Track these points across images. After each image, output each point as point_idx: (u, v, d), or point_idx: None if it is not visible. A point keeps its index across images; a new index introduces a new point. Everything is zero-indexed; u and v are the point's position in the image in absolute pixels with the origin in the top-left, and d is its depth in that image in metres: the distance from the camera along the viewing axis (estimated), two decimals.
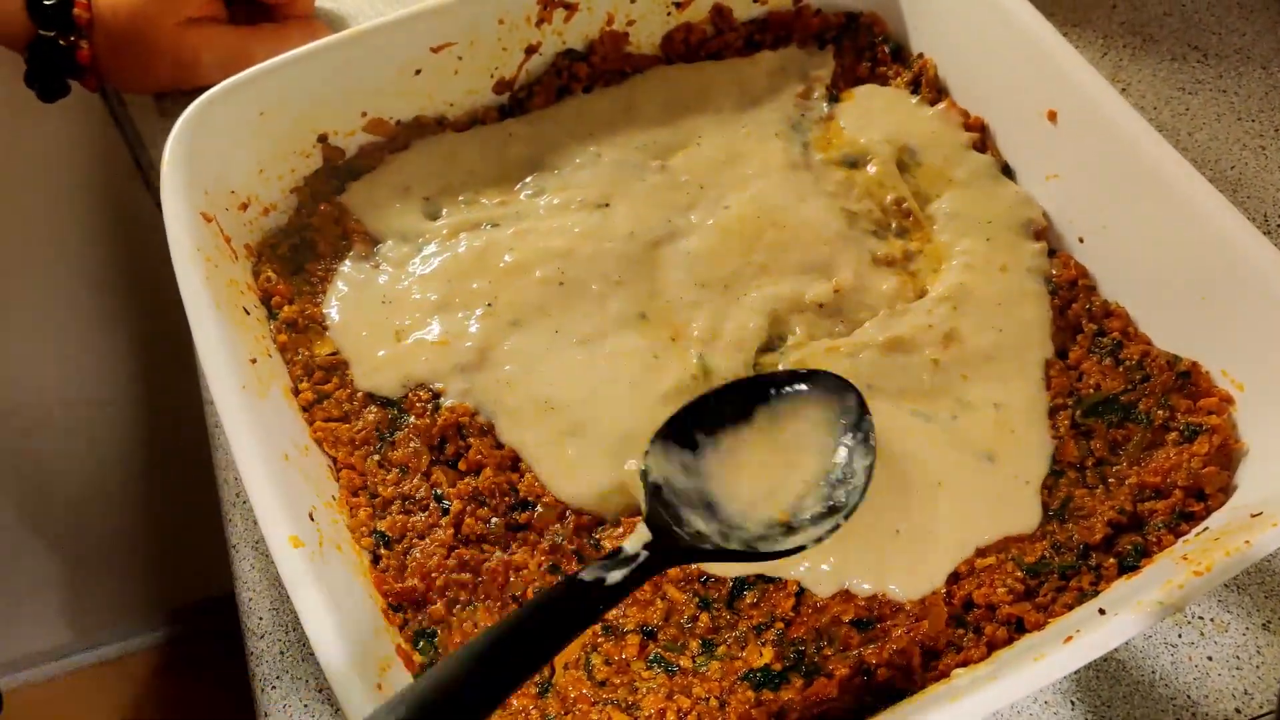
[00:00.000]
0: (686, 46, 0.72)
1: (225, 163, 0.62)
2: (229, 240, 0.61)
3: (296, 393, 0.58)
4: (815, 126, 0.69)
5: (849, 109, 0.70)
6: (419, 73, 0.67)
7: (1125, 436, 0.56)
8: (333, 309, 0.62)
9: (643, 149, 0.68)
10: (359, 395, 0.59)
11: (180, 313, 0.55)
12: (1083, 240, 0.62)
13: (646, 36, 0.72)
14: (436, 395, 0.59)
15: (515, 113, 0.70)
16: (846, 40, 0.73)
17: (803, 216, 0.64)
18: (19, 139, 0.90)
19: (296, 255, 0.64)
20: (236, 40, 0.75)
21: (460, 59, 0.67)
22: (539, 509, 0.55)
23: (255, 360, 0.55)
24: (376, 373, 0.59)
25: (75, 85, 0.76)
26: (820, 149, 0.68)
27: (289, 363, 0.60)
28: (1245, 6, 0.82)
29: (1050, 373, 0.59)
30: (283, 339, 0.60)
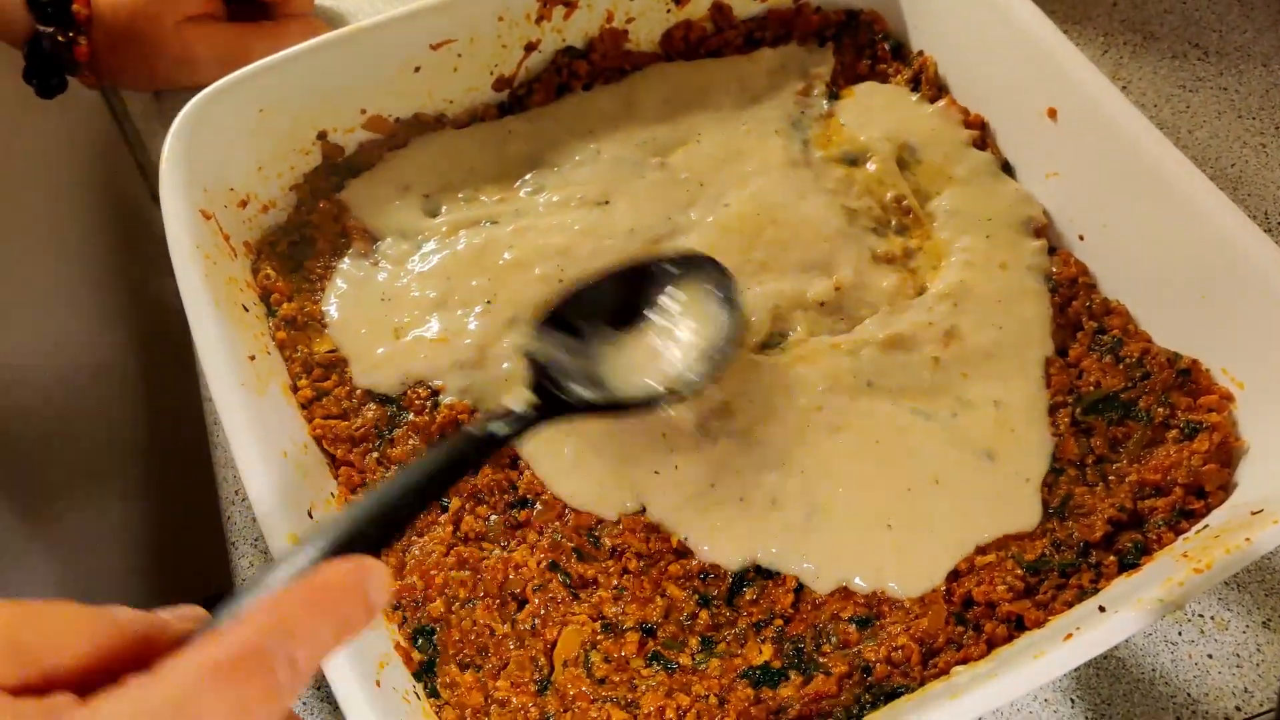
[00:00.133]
0: (686, 44, 0.72)
1: (224, 160, 0.62)
2: (228, 237, 0.61)
3: (295, 390, 0.58)
4: (815, 124, 0.69)
5: (849, 106, 0.69)
6: (418, 70, 0.67)
7: (1125, 434, 0.56)
8: (332, 306, 0.62)
9: (642, 146, 0.68)
10: (358, 393, 0.59)
11: (179, 310, 0.54)
12: (1083, 238, 0.62)
13: (646, 34, 0.72)
14: (435, 392, 0.59)
15: (515, 110, 0.70)
16: (846, 38, 0.73)
17: (803, 214, 0.64)
18: (18, 136, 0.89)
19: (296, 252, 0.64)
20: (235, 38, 0.75)
21: (460, 56, 0.67)
22: (538, 507, 0.55)
23: (254, 357, 0.55)
24: (375, 370, 0.59)
25: (74, 82, 0.76)
26: (820, 146, 0.68)
27: (288, 360, 0.59)
28: (1246, 4, 0.82)
29: (1050, 370, 0.59)
30: (281, 336, 0.60)
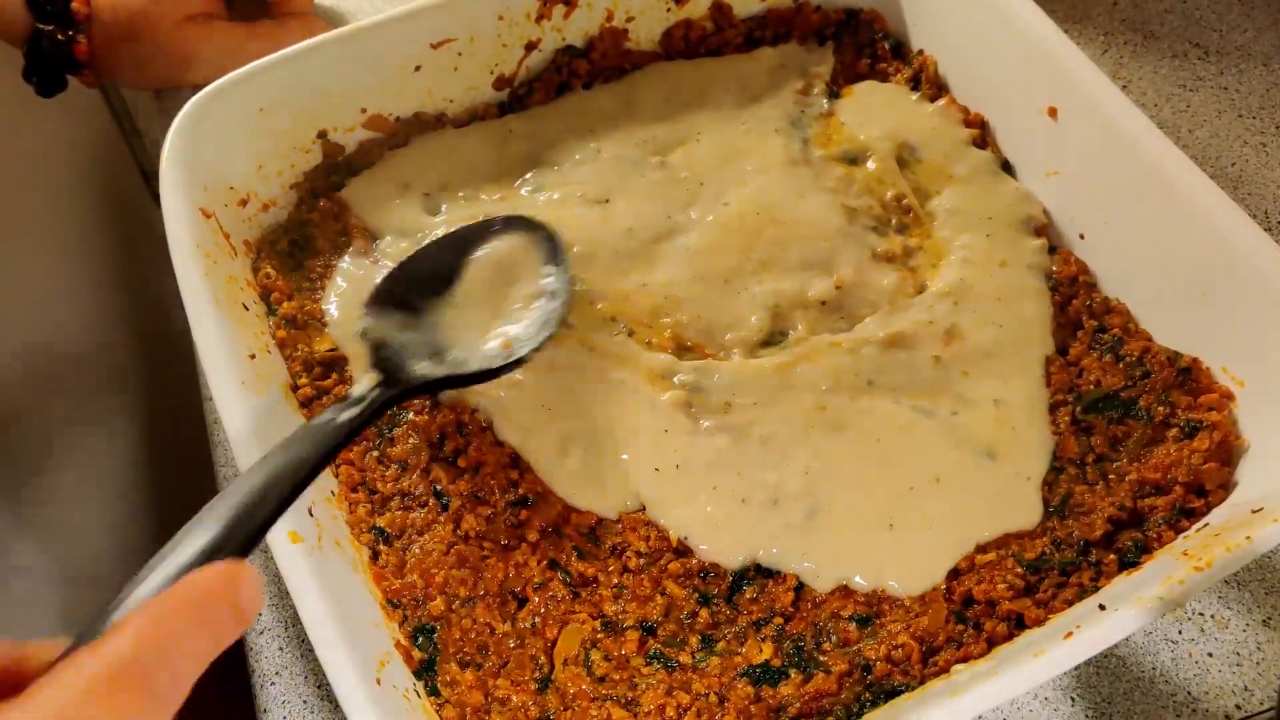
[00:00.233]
0: (686, 43, 0.72)
1: (224, 159, 0.62)
2: (228, 236, 0.61)
3: (296, 389, 0.58)
4: (815, 123, 0.69)
5: (849, 105, 0.69)
6: (418, 69, 0.67)
7: (1126, 433, 0.56)
8: (332, 305, 0.62)
9: (642, 145, 0.68)
10: None
11: (179, 309, 0.54)
12: (1083, 237, 0.62)
13: (646, 33, 0.72)
14: None
15: (515, 109, 0.70)
16: (846, 37, 0.73)
17: (803, 213, 0.64)
18: (17, 135, 0.89)
19: (296, 251, 0.64)
20: (235, 37, 0.74)
21: (460, 55, 0.67)
22: (539, 506, 0.55)
23: (254, 356, 0.55)
24: None
25: (74, 81, 0.76)
26: (820, 145, 0.68)
27: (288, 359, 0.59)
28: (1246, 3, 0.81)
29: (1051, 369, 0.59)
30: (282, 335, 0.60)
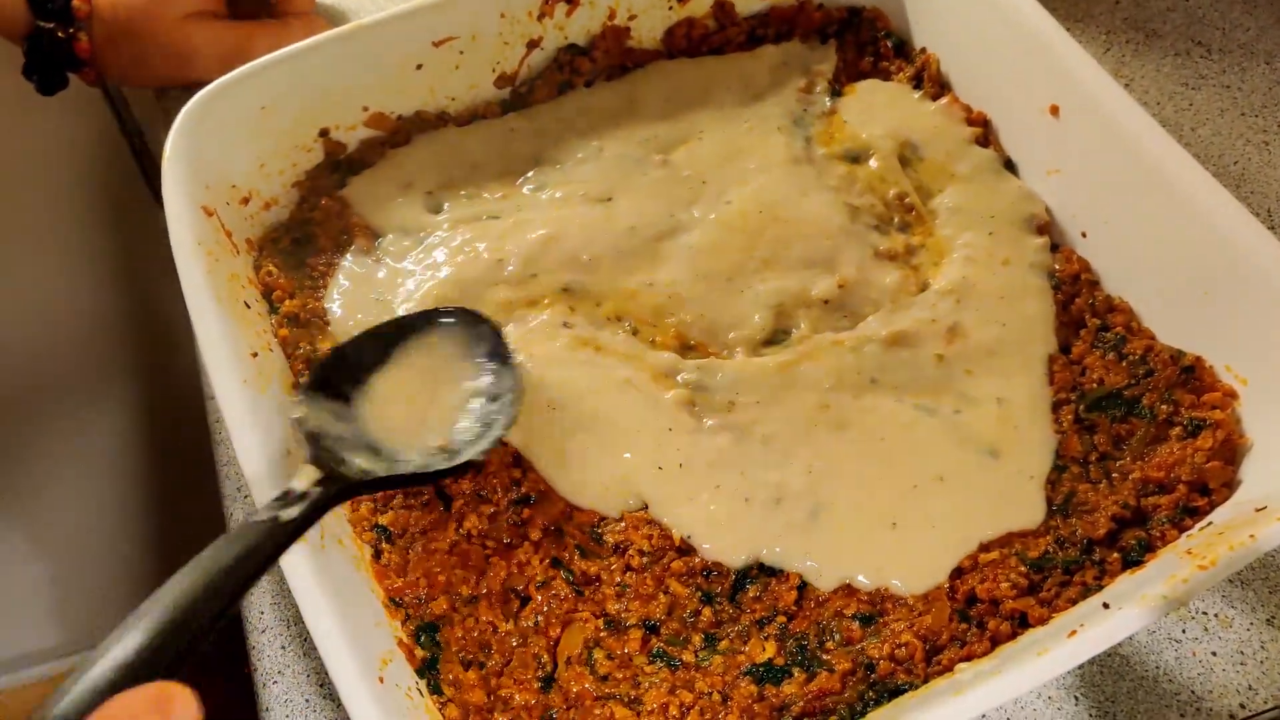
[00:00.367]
0: (688, 41, 0.72)
1: (226, 157, 0.62)
2: (230, 234, 0.61)
3: (298, 387, 0.58)
4: (817, 121, 0.69)
5: (851, 104, 0.69)
6: (420, 67, 0.67)
7: (1129, 431, 0.56)
8: (334, 303, 0.62)
9: (644, 143, 0.68)
10: None
11: (181, 307, 0.54)
12: (1085, 235, 0.62)
13: (648, 31, 0.72)
14: None
15: (517, 107, 0.70)
16: (849, 35, 0.73)
17: (805, 211, 0.64)
18: (18, 132, 0.89)
19: (298, 250, 0.64)
20: (236, 35, 0.74)
21: (461, 54, 0.67)
22: (541, 505, 0.55)
23: (256, 354, 0.55)
24: None
25: (74, 79, 0.76)
26: (822, 144, 0.68)
27: (290, 357, 0.59)
28: (1249, 2, 0.81)
29: (1053, 367, 0.59)
30: (284, 333, 0.60)
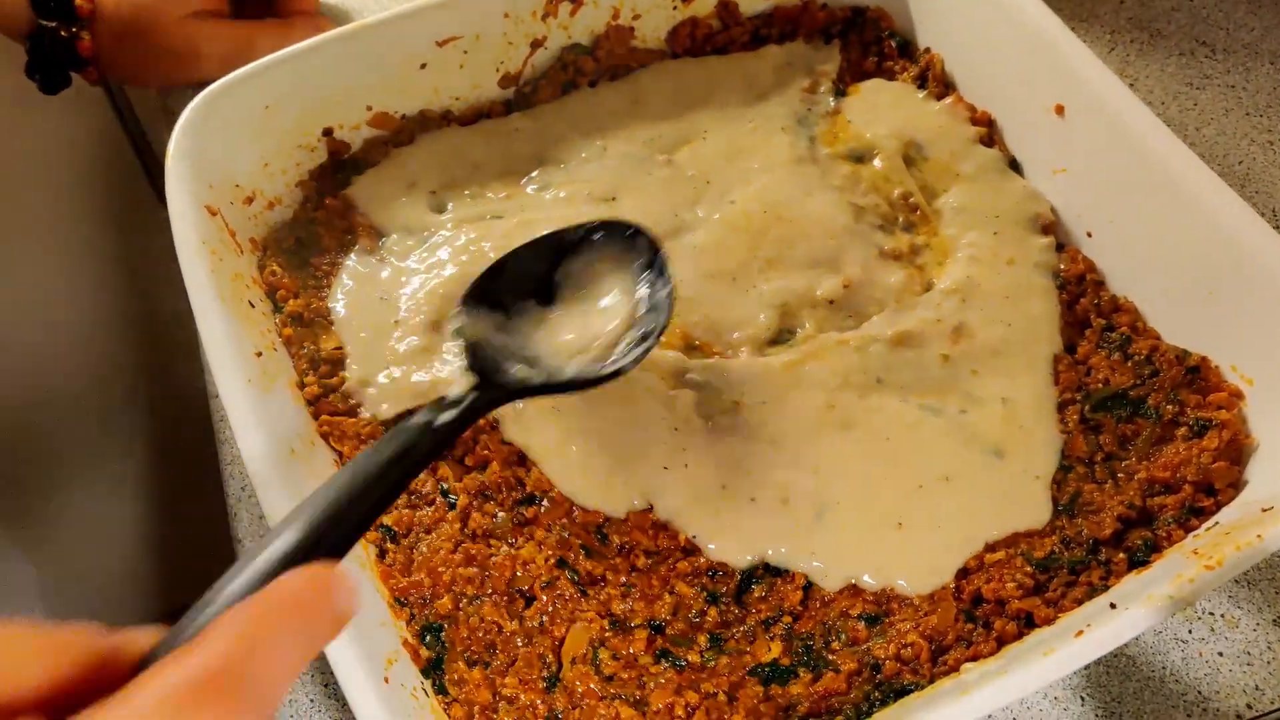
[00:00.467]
0: (692, 41, 0.72)
1: (230, 156, 0.62)
2: (234, 234, 0.61)
3: (302, 386, 0.58)
4: (821, 121, 0.69)
5: (855, 104, 0.69)
6: (424, 67, 0.67)
7: (1134, 431, 0.56)
8: (338, 303, 0.62)
9: (649, 143, 0.68)
10: None
11: (185, 306, 0.54)
12: (1091, 235, 0.61)
13: (652, 31, 0.71)
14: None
15: (521, 107, 0.70)
16: (853, 35, 0.73)
17: (809, 211, 0.64)
18: (20, 132, 0.89)
19: (301, 249, 0.64)
20: (240, 35, 0.74)
21: (466, 53, 0.67)
22: (545, 504, 0.55)
23: (260, 354, 0.55)
24: None
25: (77, 78, 0.76)
26: (826, 143, 0.68)
27: (294, 356, 0.59)
28: (1253, 1, 0.81)
29: (1058, 367, 0.58)
30: (288, 333, 0.60)
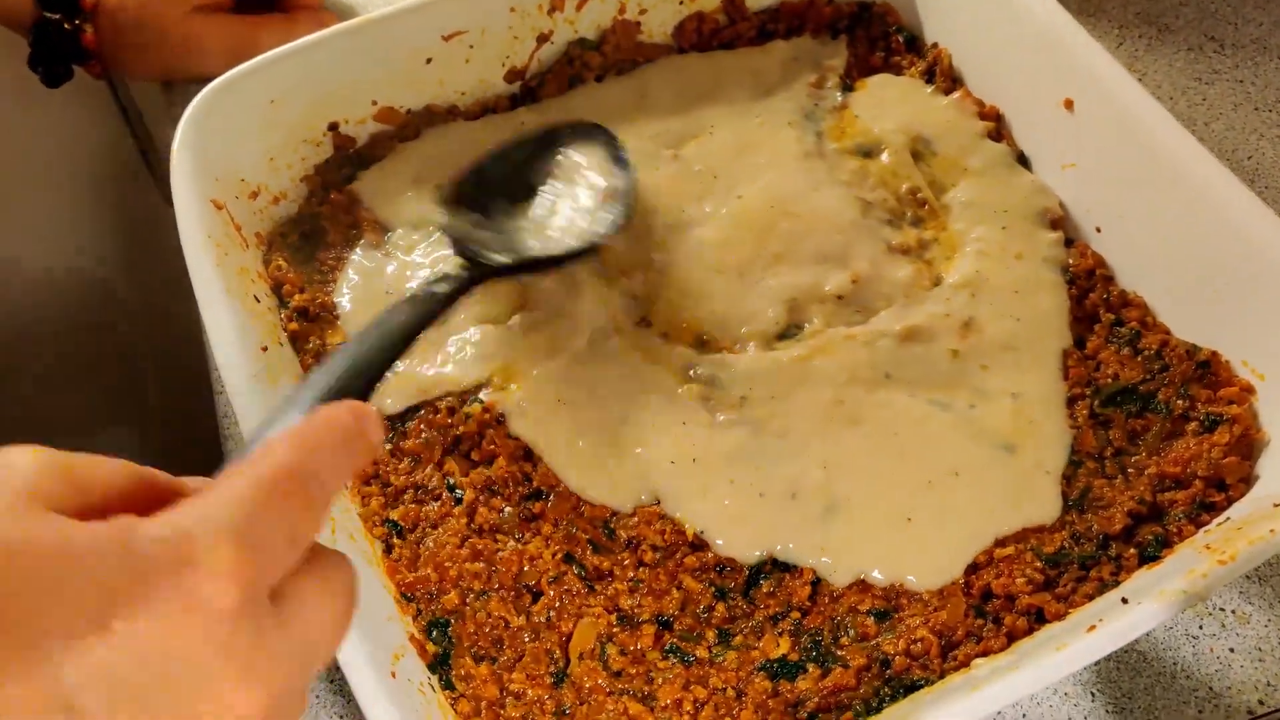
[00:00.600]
0: (699, 36, 0.72)
1: (235, 150, 0.61)
2: (239, 228, 0.60)
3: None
4: (829, 116, 0.69)
5: (863, 98, 0.69)
6: (430, 61, 0.66)
7: (1144, 426, 0.55)
8: (344, 298, 0.61)
9: (655, 138, 0.67)
10: None
11: (189, 302, 0.54)
12: (1100, 229, 0.61)
13: (659, 25, 0.71)
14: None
15: (527, 102, 0.70)
16: (860, 30, 0.72)
17: (816, 205, 0.64)
18: (22, 125, 0.89)
19: (307, 244, 0.64)
20: (244, 28, 0.74)
21: (471, 48, 0.67)
22: (552, 499, 0.55)
23: (266, 349, 0.55)
24: None
25: (80, 71, 0.76)
26: (834, 138, 0.68)
27: (300, 351, 0.59)
28: None
29: (1068, 362, 0.58)
30: (294, 327, 0.59)
